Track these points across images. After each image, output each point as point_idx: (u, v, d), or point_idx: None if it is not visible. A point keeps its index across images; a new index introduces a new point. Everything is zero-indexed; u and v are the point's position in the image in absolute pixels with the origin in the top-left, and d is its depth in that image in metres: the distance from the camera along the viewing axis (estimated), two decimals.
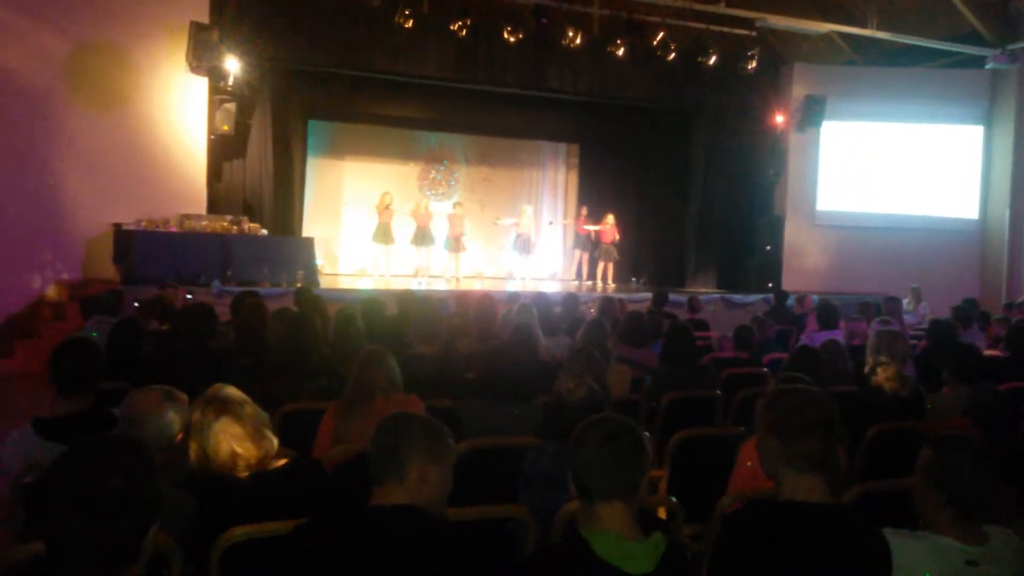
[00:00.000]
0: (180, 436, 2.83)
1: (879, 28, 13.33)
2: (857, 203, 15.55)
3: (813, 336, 7.08)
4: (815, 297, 10.48)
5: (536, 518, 2.82)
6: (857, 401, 4.48)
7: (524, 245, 15.14)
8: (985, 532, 2.33)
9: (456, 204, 14.94)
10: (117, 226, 10.83)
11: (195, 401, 2.89)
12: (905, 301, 12.03)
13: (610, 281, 15.06)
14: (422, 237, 14.24)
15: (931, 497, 2.34)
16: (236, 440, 2.78)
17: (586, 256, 15.81)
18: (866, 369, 4.80)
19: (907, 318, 10.95)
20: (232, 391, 2.91)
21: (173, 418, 2.84)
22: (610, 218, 15.19)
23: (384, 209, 13.82)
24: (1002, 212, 14.98)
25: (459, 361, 5.00)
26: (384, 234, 13.79)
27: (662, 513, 2.89)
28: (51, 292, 10.61)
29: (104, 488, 1.60)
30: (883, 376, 4.47)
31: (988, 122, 15.34)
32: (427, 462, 2.27)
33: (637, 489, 2.10)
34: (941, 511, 2.32)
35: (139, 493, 1.65)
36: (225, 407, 2.82)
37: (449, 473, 2.35)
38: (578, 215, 16.07)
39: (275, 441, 2.89)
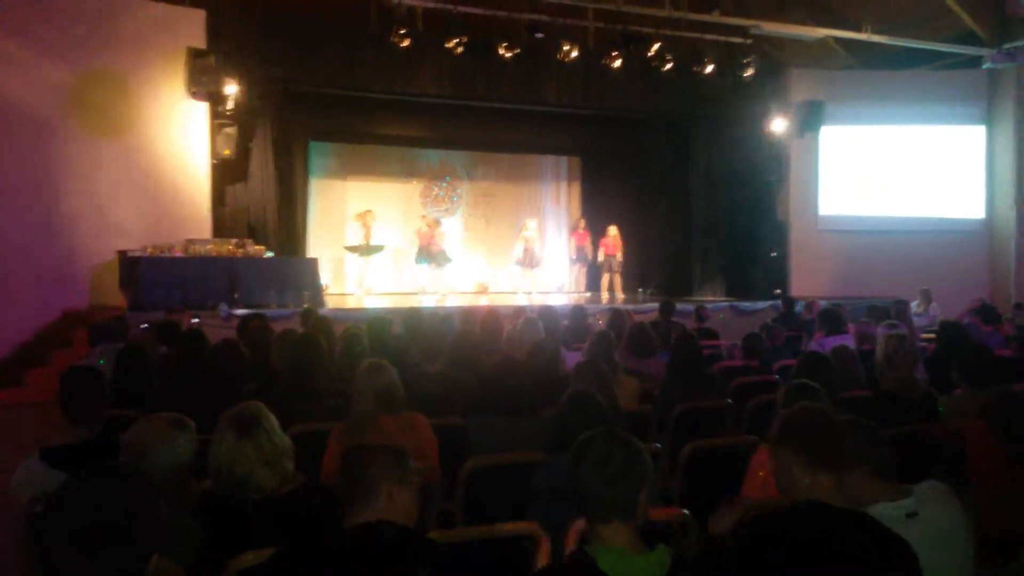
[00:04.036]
0: (186, 465, 2.82)
1: (874, 32, 13.35)
2: (861, 207, 15.52)
3: (822, 342, 7.04)
4: (823, 302, 10.45)
5: (548, 533, 2.80)
6: (869, 405, 4.45)
7: (530, 259, 15.14)
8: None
9: (423, 218, 14.94)
10: (123, 253, 10.85)
11: (222, 414, 2.89)
12: (915, 303, 12.01)
13: (618, 292, 15.03)
14: (426, 256, 14.31)
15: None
16: (251, 463, 2.77)
17: (583, 269, 15.80)
18: (876, 373, 4.78)
19: (917, 320, 10.93)
20: (260, 413, 2.91)
21: (182, 444, 2.83)
22: (612, 230, 15.20)
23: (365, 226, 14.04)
24: (1008, 210, 14.95)
25: (465, 378, 4.98)
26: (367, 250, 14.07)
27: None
28: (59, 320, 10.62)
29: (103, 520, 1.59)
30: (893, 380, 4.44)
31: (989, 121, 15.32)
32: (394, 483, 2.31)
33: (635, 506, 2.10)
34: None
35: (138, 523, 1.64)
36: (247, 429, 2.81)
37: (416, 496, 2.39)
38: (576, 227, 16.08)
39: (291, 469, 2.88)
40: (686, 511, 3.00)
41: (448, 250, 14.57)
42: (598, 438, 2.20)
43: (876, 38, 13.44)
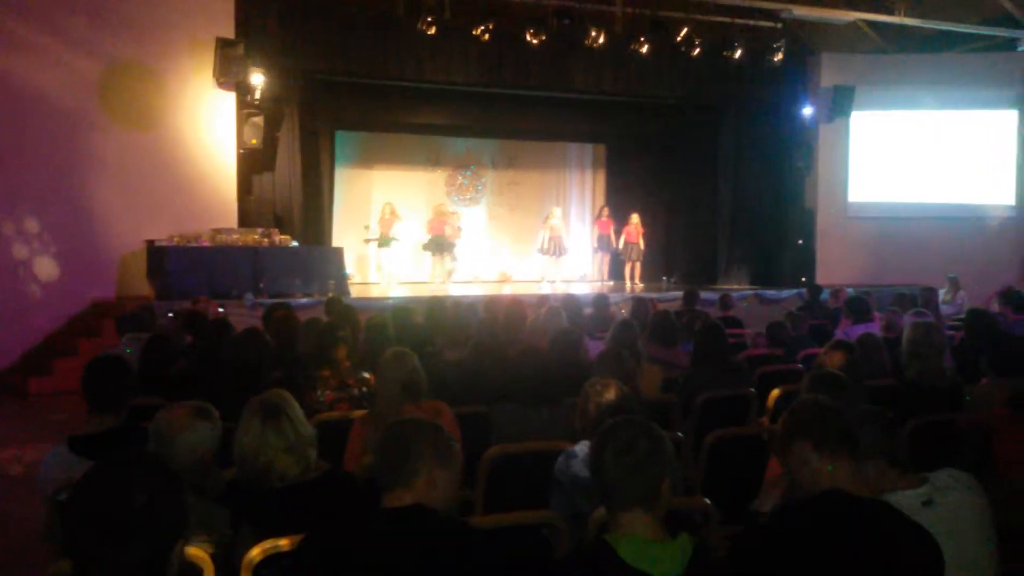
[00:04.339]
0: (210, 453, 2.85)
1: (907, 15, 13.13)
2: (890, 193, 15.32)
3: (848, 330, 6.97)
4: (850, 290, 10.34)
5: (569, 522, 2.80)
6: (895, 394, 4.41)
7: (555, 247, 15.12)
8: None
9: (435, 207, 15.05)
10: (150, 242, 10.98)
11: (248, 401, 2.91)
12: (943, 291, 11.86)
13: (637, 281, 14.98)
14: (435, 245, 14.38)
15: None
16: (274, 451, 2.79)
17: (607, 257, 15.75)
18: (902, 362, 4.72)
19: (945, 308, 10.80)
20: (285, 400, 2.93)
21: (206, 432, 2.85)
22: (634, 217, 15.14)
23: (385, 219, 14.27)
24: None
25: (488, 366, 4.99)
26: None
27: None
28: (87, 310, 10.76)
29: (127, 507, 1.61)
30: (919, 368, 4.39)
31: (1022, 106, 15.04)
32: (435, 466, 2.26)
33: (657, 495, 2.09)
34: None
35: (163, 510, 1.65)
36: (271, 416, 2.83)
37: (456, 477, 2.35)
38: (599, 215, 16.02)
39: (314, 457, 2.90)
40: (708, 500, 3.00)
41: (459, 244, 14.77)
42: (620, 426, 2.19)
43: (909, 21, 13.22)
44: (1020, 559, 2.87)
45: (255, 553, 2.46)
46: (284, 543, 2.48)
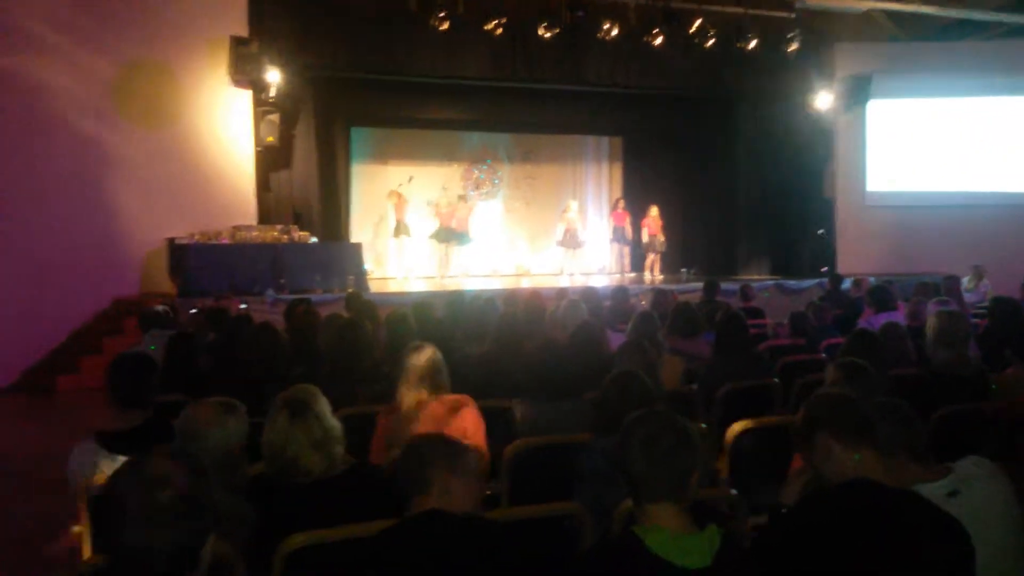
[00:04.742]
0: (237, 449, 2.87)
1: (922, 3, 13.01)
2: (909, 182, 15.20)
3: (872, 319, 6.93)
4: (872, 280, 10.27)
5: (594, 515, 2.80)
6: (920, 383, 4.38)
7: (572, 240, 15.11)
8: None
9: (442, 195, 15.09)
10: (171, 240, 11.05)
11: (278, 396, 2.94)
12: (966, 279, 11.75)
13: (657, 273, 14.95)
14: (445, 235, 14.44)
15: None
16: (300, 447, 2.81)
17: (627, 249, 15.71)
18: (927, 351, 4.69)
19: (968, 296, 10.69)
20: (313, 396, 2.95)
21: (232, 428, 2.87)
22: (653, 210, 15.11)
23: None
24: None
25: (509, 360, 4.99)
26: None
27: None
28: (110, 308, 10.86)
29: (160, 502, 1.63)
30: (944, 357, 4.36)
31: None
32: (448, 474, 2.37)
33: (686, 486, 2.08)
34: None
35: (193, 506, 1.67)
36: (298, 412, 2.86)
37: (473, 481, 2.45)
38: (615, 207, 15.99)
39: (340, 453, 2.91)
40: (734, 490, 2.99)
41: (470, 231, 14.78)
42: (648, 418, 2.18)
43: (925, 9, 13.12)
44: None
45: (285, 548, 2.48)
46: (311, 538, 2.50)
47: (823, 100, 14.84)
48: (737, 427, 3.94)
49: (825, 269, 13.98)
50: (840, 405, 2.41)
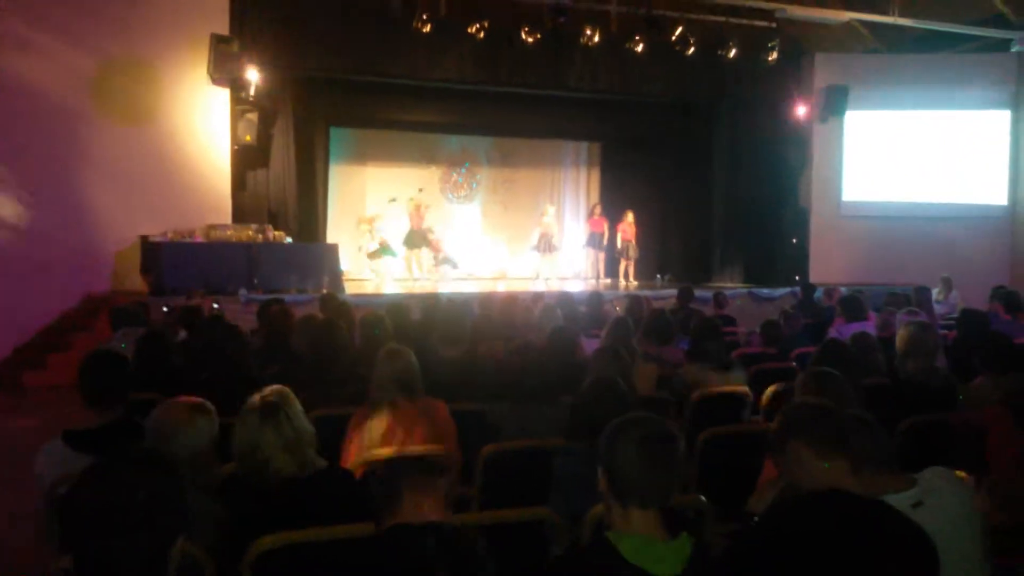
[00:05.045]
0: (208, 449, 2.85)
1: (900, 15, 13.16)
2: (883, 193, 15.35)
3: (842, 329, 6.99)
4: (844, 289, 10.36)
5: (567, 520, 2.81)
6: (888, 393, 4.43)
7: (547, 245, 15.13)
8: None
9: (411, 200, 14.98)
10: (144, 238, 10.95)
11: (250, 398, 2.91)
12: (936, 291, 11.89)
13: (632, 279, 15.00)
14: (413, 239, 14.40)
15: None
16: (271, 448, 2.79)
17: (602, 255, 15.75)
18: (896, 361, 4.74)
19: (938, 307, 10.82)
20: (285, 398, 2.92)
21: (203, 428, 2.86)
22: (629, 215, 15.18)
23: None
24: None
25: (484, 364, 4.99)
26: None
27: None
28: (80, 305, 10.74)
29: (128, 503, 1.61)
30: (913, 368, 4.40)
31: (1015, 106, 15.09)
32: (416, 493, 2.35)
33: (671, 496, 2.09)
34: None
35: (164, 506, 1.66)
36: (270, 413, 2.83)
37: (440, 500, 2.43)
38: (591, 213, 16.03)
39: (312, 455, 2.90)
40: (703, 497, 3.00)
41: (434, 236, 14.78)
42: (635, 423, 2.17)
43: (903, 21, 13.23)
44: (1012, 556, 2.90)
45: (255, 549, 2.46)
46: (281, 539, 2.48)
47: (801, 110, 14.98)
48: (707, 434, 3.96)
49: (798, 278, 14.09)
50: (814, 414, 2.43)
